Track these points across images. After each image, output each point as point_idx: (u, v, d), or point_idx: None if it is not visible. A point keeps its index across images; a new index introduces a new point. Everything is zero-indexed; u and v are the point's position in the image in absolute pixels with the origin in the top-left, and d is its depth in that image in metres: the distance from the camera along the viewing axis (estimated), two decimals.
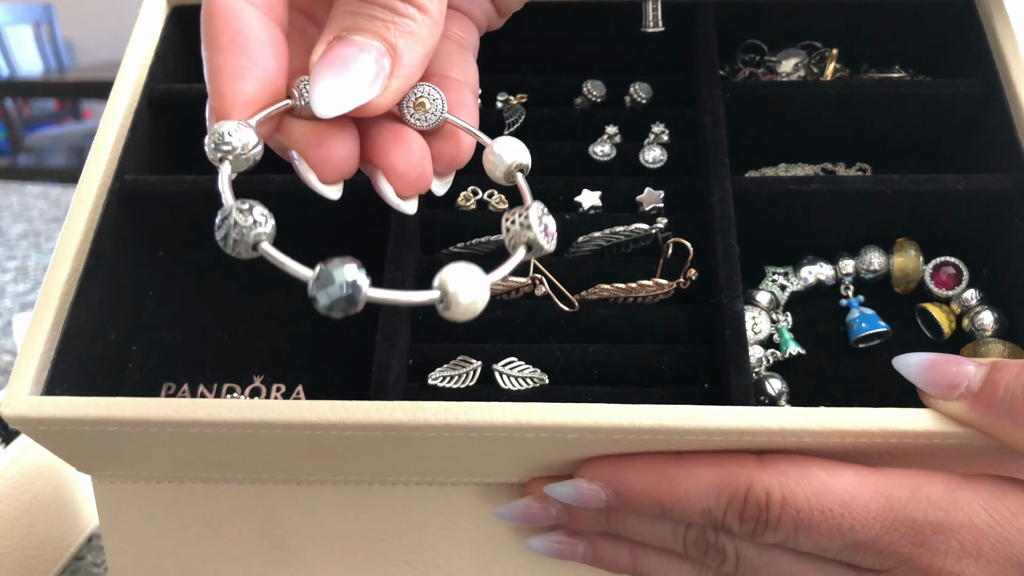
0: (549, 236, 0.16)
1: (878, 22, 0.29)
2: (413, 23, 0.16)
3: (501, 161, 0.18)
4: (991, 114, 0.26)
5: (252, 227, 0.15)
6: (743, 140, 0.27)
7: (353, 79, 0.16)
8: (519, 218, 0.16)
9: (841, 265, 0.26)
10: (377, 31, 0.16)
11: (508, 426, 0.19)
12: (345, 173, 0.18)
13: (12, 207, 0.64)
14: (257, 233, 0.15)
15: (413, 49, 0.16)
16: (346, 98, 0.16)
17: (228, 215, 0.15)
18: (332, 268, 0.15)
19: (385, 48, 0.16)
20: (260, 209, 0.16)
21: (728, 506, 0.18)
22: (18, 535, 0.29)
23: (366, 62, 0.16)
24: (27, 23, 1.75)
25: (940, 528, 0.17)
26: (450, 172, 0.19)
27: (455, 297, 0.15)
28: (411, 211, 0.18)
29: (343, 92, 0.16)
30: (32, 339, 0.21)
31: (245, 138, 0.16)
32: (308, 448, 0.21)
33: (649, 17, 0.24)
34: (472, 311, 0.15)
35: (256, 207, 0.16)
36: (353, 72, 0.16)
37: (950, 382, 0.18)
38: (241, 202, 0.15)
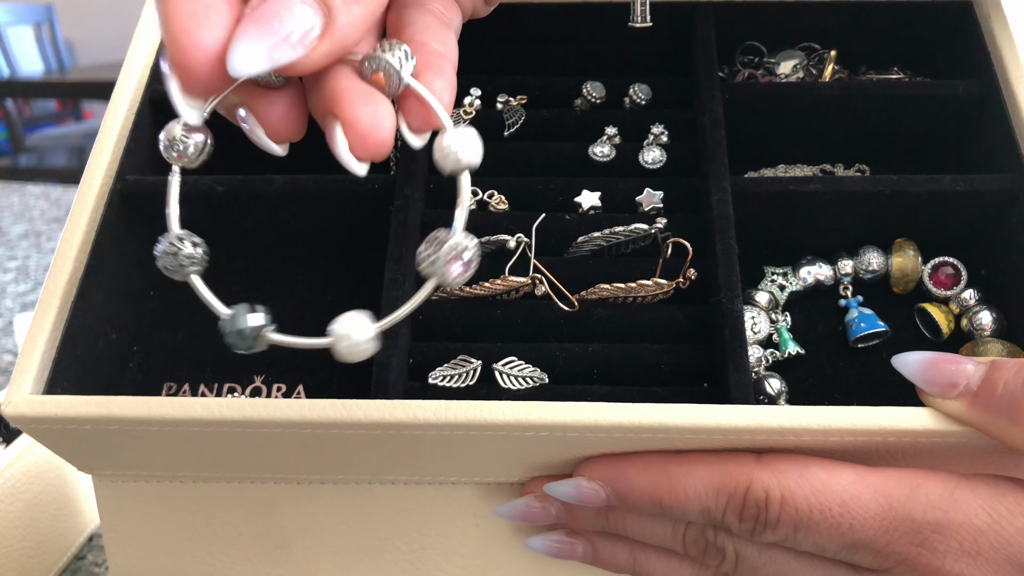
0: (458, 274, 0.16)
1: (876, 24, 0.29)
2: None
3: (451, 156, 0.16)
4: (989, 115, 0.26)
5: (189, 260, 0.16)
6: (742, 141, 0.27)
7: (276, 36, 0.14)
8: (429, 253, 0.16)
9: (840, 265, 0.26)
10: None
11: (508, 425, 0.19)
12: (286, 135, 0.17)
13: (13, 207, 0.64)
14: (191, 267, 0.16)
15: (351, 9, 0.15)
16: (262, 56, 0.14)
17: (165, 248, 0.16)
18: (238, 315, 0.16)
19: (318, 5, 0.15)
20: (190, 243, 0.16)
21: (727, 505, 0.19)
22: (19, 535, 0.29)
23: (293, 19, 0.15)
24: (28, 23, 1.75)
25: (939, 527, 0.17)
26: (425, 130, 0.18)
27: (341, 344, 0.16)
28: (362, 172, 0.17)
29: (260, 49, 0.14)
30: (33, 338, 0.21)
31: (197, 139, 0.16)
32: (308, 447, 0.21)
33: (637, 12, 0.24)
34: (360, 356, 0.16)
35: (187, 240, 0.16)
36: (277, 29, 0.15)
37: (949, 381, 0.18)
38: (178, 237, 0.16)
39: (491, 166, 0.27)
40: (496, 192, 0.26)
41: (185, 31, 0.15)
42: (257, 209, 0.26)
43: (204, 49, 0.15)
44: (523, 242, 0.25)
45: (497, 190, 0.26)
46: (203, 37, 0.15)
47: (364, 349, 0.16)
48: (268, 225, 0.27)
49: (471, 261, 0.16)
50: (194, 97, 0.16)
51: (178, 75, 0.15)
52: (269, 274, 0.28)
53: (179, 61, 0.15)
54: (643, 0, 0.23)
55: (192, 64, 0.15)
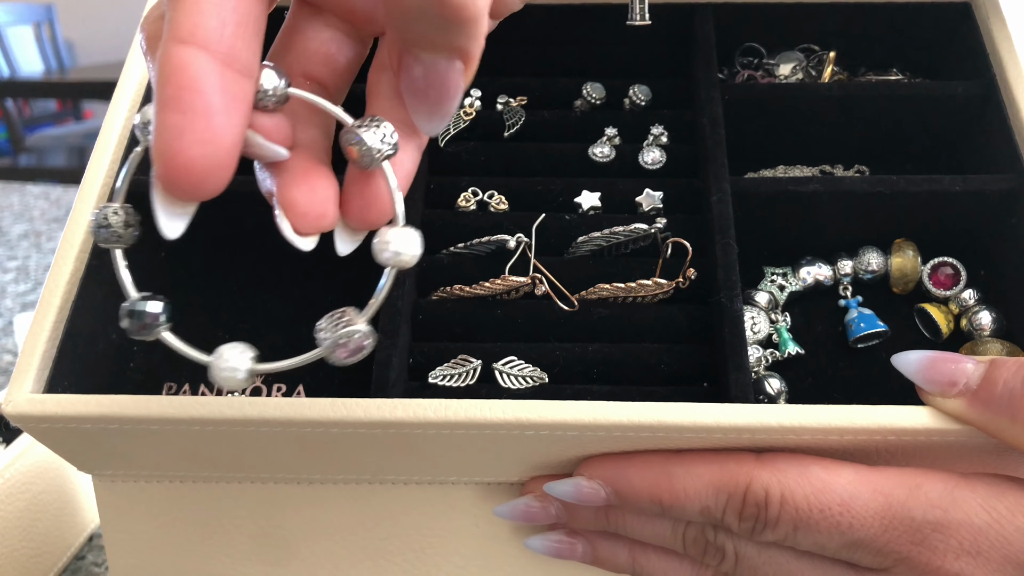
0: (342, 358, 0.16)
1: (876, 25, 0.29)
2: (481, 29, 0.14)
3: (388, 252, 0.16)
4: (988, 115, 0.26)
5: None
6: (742, 143, 0.27)
7: (451, 103, 0.15)
8: (324, 328, 0.16)
9: (840, 266, 0.26)
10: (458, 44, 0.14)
11: (508, 423, 0.19)
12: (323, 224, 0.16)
13: (13, 207, 0.64)
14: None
15: (477, 54, 0.15)
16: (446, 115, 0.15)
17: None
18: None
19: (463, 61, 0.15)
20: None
21: (727, 504, 0.19)
22: (19, 535, 0.29)
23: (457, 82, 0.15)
24: (28, 23, 1.75)
25: (939, 527, 0.17)
26: (360, 230, 0.17)
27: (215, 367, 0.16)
28: (307, 248, 0.17)
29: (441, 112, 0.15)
30: (34, 338, 0.21)
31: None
32: (308, 447, 0.21)
33: (636, 10, 0.24)
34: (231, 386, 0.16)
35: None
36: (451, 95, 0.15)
37: (948, 379, 0.18)
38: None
39: (491, 166, 0.27)
40: (496, 192, 0.26)
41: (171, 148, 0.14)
42: (257, 210, 0.26)
43: (188, 166, 0.14)
44: (523, 242, 0.25)
45: (497, 190, 0.26)
46: (188, 154, 0.14)
47: (236, 380, 0.16)
48: (268, 226, 0.27)
49: (359, 351, 0.16)
50: (179, 204, 0.15)
51: (163, 185, 0.14)
52: (269, 275, 0.28)
53: (163, 174, 0.14)
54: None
55: (175, 178, 0.14)
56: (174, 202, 0.15)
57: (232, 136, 0.14)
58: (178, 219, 0.15)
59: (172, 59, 0.14)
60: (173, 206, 0.15)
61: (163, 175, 0.14)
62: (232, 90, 0.15)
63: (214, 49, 0.14)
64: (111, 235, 0.16)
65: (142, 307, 0.16)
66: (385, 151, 0.16)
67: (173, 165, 0.14)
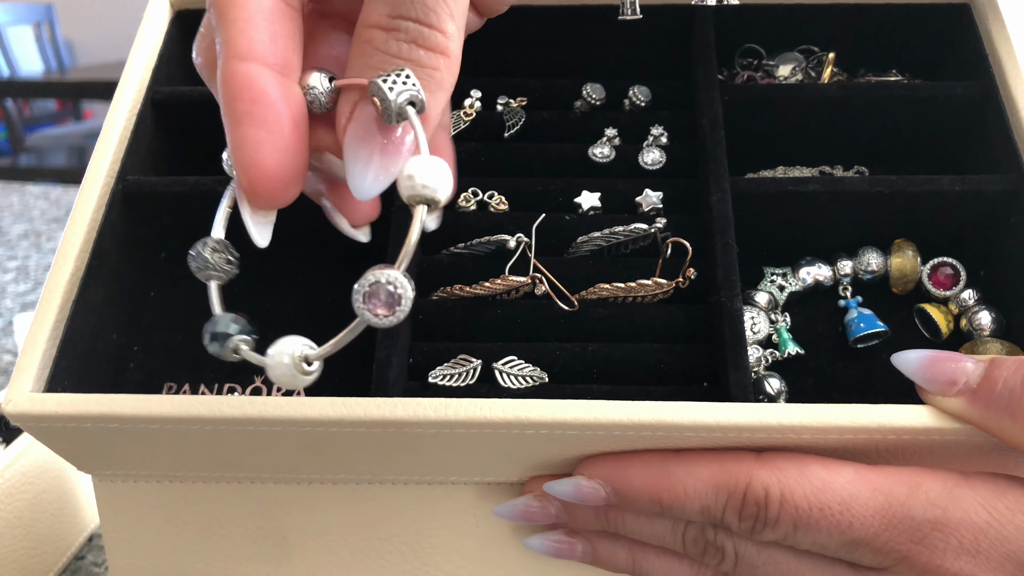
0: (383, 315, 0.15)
1: (875, 26, 0.29)
2: (436, 72, 0.15)
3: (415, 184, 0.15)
4: (987, 116, 0.26)
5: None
6: (741, 144, 0.27)
7: (386, 148, 0.15)
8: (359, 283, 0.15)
9: (839, 266, 0.26)
10: None
11: (508, 422, 0.19)
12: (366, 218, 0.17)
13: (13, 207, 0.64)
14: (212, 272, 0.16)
15: (438, 97, 0.15)
16: (388, 173, 0.15)
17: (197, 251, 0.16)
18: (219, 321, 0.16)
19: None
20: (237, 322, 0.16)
21: (727, 503, 0.19)
22: (19, 535, 0.29)
23: (400, 129, 0.15)
24: (28, 23, 1.75)
25: (938, 526, 0.17)
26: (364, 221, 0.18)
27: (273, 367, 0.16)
28: (366, 239, 0.18)
29: (383, 168, 0.15)
30: (34, 337, 0.21)
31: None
32: (308, 446, 0.21)
33: (627, 5, 0.24)
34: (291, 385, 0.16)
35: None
36: (385, 140, 0.15)
37: (948, 378, 0.18)
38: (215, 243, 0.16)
39: (491, 167, 0.27)
40: (496, 193, 0.26)
41: (253, 160, 0.15)
42: None
43: (271, 174, 0.15)
44: (523, 242, 0.25)
45: (497, 191, 0.26)
46: (269, 163, 0.15)
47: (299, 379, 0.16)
48: None
49: (395, 302, 0.15)
50: (264, 212, 0.16)
51: (248, 197, 0.15)
52: (270, 275, 0.28)
53: (248, 186, 0.15)
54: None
55: (260, 188, 0.15)
56: (260, 212, 0.16)
57: (302, 140, 0.15)
58: (265, 227, 0.16)
59: (237, 76, 0.15)
60: (259, 215, 0.16)
61: (250, 187, 0.15)
62: (292, 97, 0.15)
63: (272, 62, 0.15)
64: (209, 270, 0.16)
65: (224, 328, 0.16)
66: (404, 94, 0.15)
67: (258, 176, 0.15)
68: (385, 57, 0.15)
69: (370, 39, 0.15)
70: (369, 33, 0.15)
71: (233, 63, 0.15)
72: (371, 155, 0.15)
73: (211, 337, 0.16)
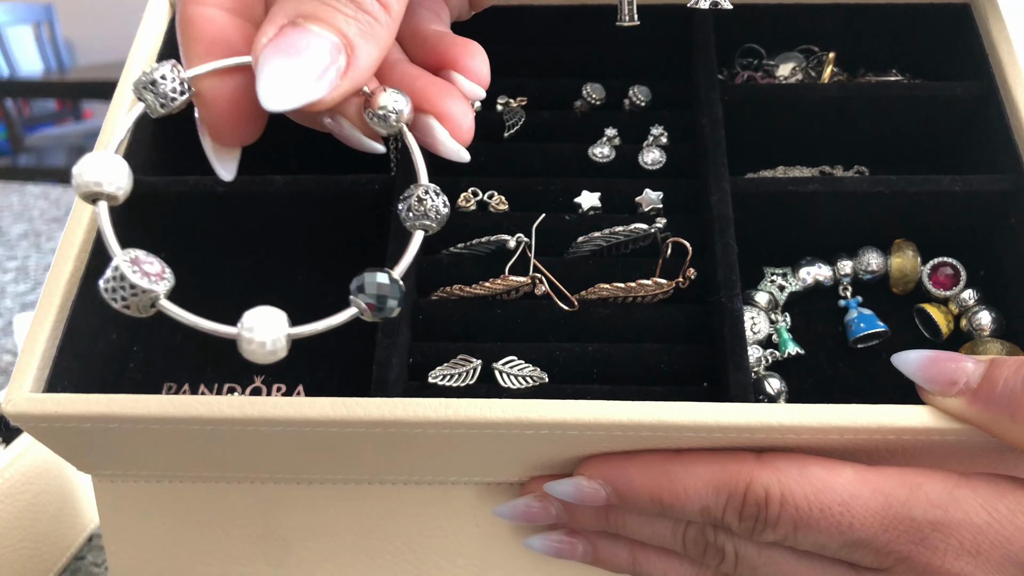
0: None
1: (875, 26, 0.29)
2: (374, 21, 0.15)
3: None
4: (987, 116, 0.26)
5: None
6: (741, 144, 0.27)
7: (304, 71, 0.14)
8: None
9: (839, 266, 0.26)
10: (336, 24, 0.15)
11: (508, 422, 0.19)
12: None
13: (12, 207, 0.64)
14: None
15: (369, 49, 0.15)
16: (295, 92, 0.14)
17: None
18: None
19: (342, 43, 0.15)
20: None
21: (727, 504, 0.19)
22: (18, 535, 0.29)
23: (319, 54, 0.14)
24: (27, 23, 1.75)
25: (939, 526, 0.17)
26: None
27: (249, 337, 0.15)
28: (466, 157, 0.17)
29: (292, 84, 0.14)
30: (34, 337, 0.21)
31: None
32: (308, 446, 0.21)
33: (624, 11, 0.24)
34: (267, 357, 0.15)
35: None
36: (304, 63, 0.14)
37: (949, 378, 0.18)
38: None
39: (491, 167, 0.27)
40: (496, 193, 0.26)
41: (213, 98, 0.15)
42: (258, 210, 0.27)
43: (227, 100, 0.15)
44: (523, 242, 0.25)
45: (497, 191, 0.26)
46: (225, 90, 0.15)
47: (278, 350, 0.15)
48: (268, 226, 0.27)
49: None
50: (227, 149, 0.16)
51: (209, 130, 0.15)
52: (270, 275, 0.28)
53: (207, 118, 0.15)
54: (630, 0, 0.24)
55: (218, 118, 0.15)
56: (222, 149, 0.16)
57: None
58: (230, 163, 0.16)
59: (195, 17, 0.15)
60: (223, 152, 0.16)
61: (212, 123, 0.15)
62: (251, 37, 0.15)
63: (229, 6, 0.16)
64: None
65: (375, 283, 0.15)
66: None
67: (218, 112, 0.15)
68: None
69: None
70: None
71: (190, 6, 0.15)
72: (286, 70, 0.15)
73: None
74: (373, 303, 0.15)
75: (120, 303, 0.15)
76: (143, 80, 0.15)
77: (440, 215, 0.16)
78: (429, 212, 0.16)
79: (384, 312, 0.15)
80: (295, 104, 0.15)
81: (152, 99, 0.15)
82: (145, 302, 0.15)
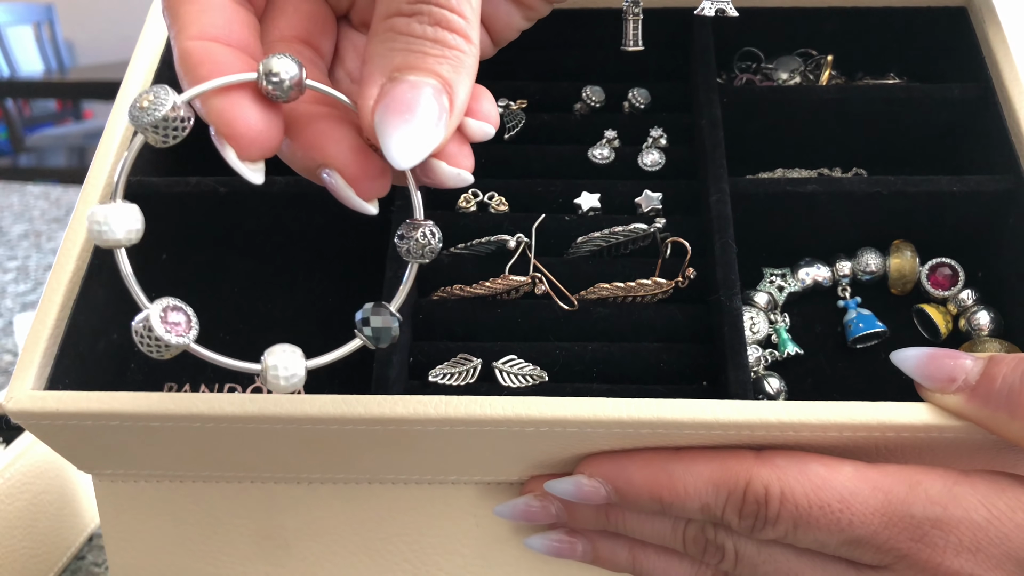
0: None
1: (873, 30, 0.29)
2: (462, 54, 0.16)
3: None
4: (984, 118, 0.26)
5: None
6: (740, 146, 0.27)
7: (422, 123, 0.15)
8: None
9: (838, 267, 0.26)
10: (431, 68, 0.15)
11: (508, 420, 0.19)
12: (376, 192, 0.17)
13: (13, 207, 0.64)
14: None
15: (465, 82, 0.16)
16: (421, 145, 0.15)
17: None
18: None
19: (442, 85, 0.15)
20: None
21: (727, 502, 0.19)
22: (19, 535, 0.29)
23: (429, 104, 0.15)
24: (28, 23, 1.75)
25: (938, 524, 0.17)
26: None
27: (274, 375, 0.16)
28: (374, 211, 0.18)
29: (417, 139, 0.15)
30: (36, 336, 0.21)
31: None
32: (308, 445, 0.21)
33: (629, 36, 0.24)
34: (288, 390, 0.16)
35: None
36: (420, 116, 0.15)
37: (948, 375, 0.18)
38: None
39: (491, 168, 0.27)
40: (496, 194, 0.27)
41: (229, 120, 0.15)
42: (259, 210, 0.27)
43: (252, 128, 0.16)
44: (523, 242, 0.25)
45: (497, 192, 0.26)
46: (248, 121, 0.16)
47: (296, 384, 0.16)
48: (269, 226, 0.27)
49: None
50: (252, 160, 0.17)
51: (234, 147, 0.16)
52: (270, 275, 0.28)
53: (231, 138, 0.16)
54: (636, 24, 0.24)
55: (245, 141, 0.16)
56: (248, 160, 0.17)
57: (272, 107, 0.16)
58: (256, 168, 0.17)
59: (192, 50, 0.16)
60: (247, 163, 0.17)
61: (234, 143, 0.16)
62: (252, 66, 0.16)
63: (227, 42, 0.16)
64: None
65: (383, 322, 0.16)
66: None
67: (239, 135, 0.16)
68: (410, 39, 0.15)
69: (391, 26, 0.16)
70: (390, 21, 0.16)
71: (186, 42, 0.16)
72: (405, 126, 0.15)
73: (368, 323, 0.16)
74: (375, 338, 0.17)
75: (149, 350, 0.16)
76: (146, 119, 0.16)
77: (435, 252, 0.17)
78: (426, 251, 0.17)
79: (384, 342, 0.17)
80: (424, 156, 0.15)
81: (155, 136, 0.16)
82: (174, 352, 0.16)
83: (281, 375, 0.16)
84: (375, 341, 0.17)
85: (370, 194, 0.17)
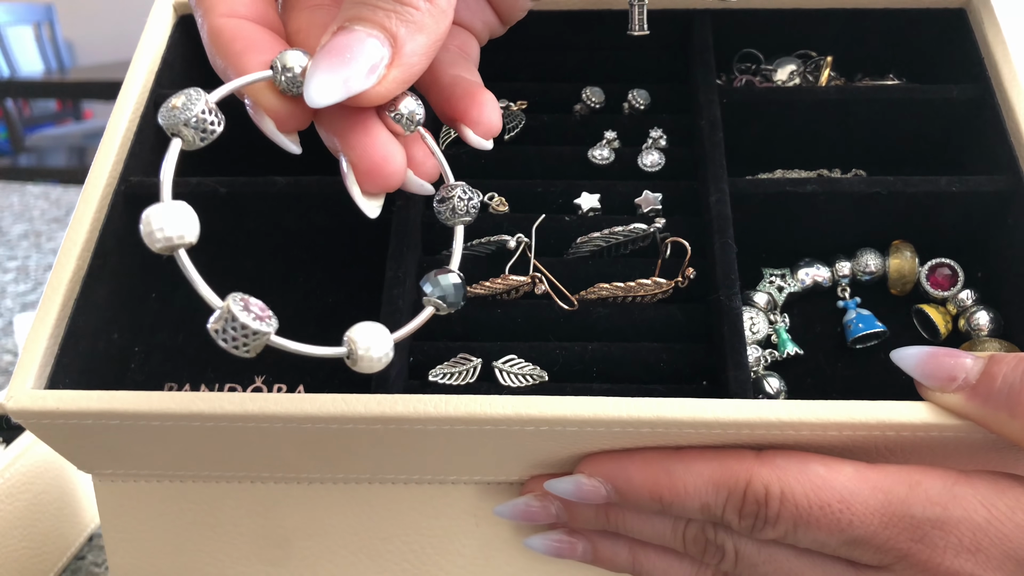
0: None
1: (872, 31, 0.29)
2: (416, 12, 0.16)
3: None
4: (984, 118, 0.26)
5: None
6: (739, 147, 0.27)
7: (350, 68, 0.16)
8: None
9: (838, 267, 0.26)
10: (378, 20, 0.16)
11: (508, 419, 0.19)
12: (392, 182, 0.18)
13: (13, 207, 0.64)
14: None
15: (416, 38, 0.16)
16: (339, 87, 0.16)
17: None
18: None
19: (384, 36, 0.16)
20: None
21: (727, 501, 0.19)
22: (19, 535, 0.29)
23: (363, 51, 0.16)
24: (28, 23, 1.75)
25: (938, 524, 0.17)
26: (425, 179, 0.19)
27: (365, 354, 0.16)
28: (373, 214, 0.18)
29: (336, 80, 0.16)
30: (36, 335, 0.21)
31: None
32: (309, 444, 0.21)
33: (635, 21, 0.24)
34: (378, 366, 0.16)
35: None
36: (349, 60, 0.16)
37: (948, 374, 0.18)
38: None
39: (491, 169, 0.27)
40: (496, 194, 0.27)
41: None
42: (259, 210, 0.27)
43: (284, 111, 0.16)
44: (523, 242, 0.25)
45: (498, 192, 0.27)
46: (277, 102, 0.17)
47: (385, 361, 0.16)
48: (270, 226, 0.27)
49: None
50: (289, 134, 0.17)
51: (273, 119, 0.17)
52: (271, 275, 0.28)
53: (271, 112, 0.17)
54: (641, 9, 0.24)
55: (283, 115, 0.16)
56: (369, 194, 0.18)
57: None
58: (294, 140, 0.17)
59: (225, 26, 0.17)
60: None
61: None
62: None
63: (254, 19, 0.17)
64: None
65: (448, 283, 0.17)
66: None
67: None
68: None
69: None
70: None
71: (217, 20, 0.17)
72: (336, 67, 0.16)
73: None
74: (444, 298, 0.17)
75: (235, 344, 0.16)
76: (180, 117, 0.16)
77: (476, 209, 0.18)
78: (469, 208, 0.17)
79: (454, 303, 0.17)
80: (339, 98, 0.16)
81: (191, 135, 0.16)
82: (260, 343, 0.16)
83: (374, 355, 0.16)
84: (445, 302, 0.17)
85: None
